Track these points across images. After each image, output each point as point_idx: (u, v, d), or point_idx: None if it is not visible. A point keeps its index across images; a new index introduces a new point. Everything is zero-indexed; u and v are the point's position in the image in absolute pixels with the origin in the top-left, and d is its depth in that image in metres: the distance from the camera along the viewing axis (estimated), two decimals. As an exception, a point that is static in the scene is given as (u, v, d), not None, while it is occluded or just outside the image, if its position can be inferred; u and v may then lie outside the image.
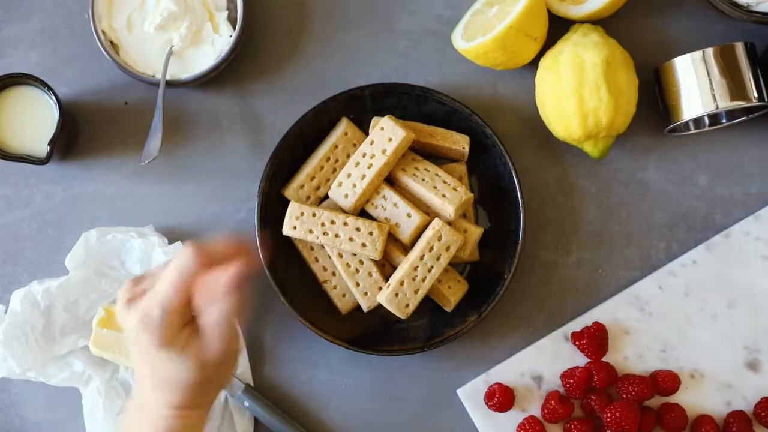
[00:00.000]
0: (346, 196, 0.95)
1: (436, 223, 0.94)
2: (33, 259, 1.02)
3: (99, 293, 0.99)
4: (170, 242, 0.98)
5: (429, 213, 0.97)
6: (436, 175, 0.96)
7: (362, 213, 0.98)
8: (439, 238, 0.94)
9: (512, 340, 1.00)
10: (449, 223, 0.95)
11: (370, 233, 0.94)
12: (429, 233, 0.94)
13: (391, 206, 0.96)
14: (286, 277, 0.98)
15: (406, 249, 0.97)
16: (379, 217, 0.96)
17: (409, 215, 0.95)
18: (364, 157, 0.95)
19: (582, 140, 0.96)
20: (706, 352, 0.98)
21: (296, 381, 1.00)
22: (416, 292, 0.94)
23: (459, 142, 0.98)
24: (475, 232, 0.97)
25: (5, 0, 1.03)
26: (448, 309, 0.98)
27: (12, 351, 0.95)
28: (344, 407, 1.00)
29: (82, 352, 0.99)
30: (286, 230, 0.95)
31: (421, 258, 0.94)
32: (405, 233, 0.95)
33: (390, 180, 0.97)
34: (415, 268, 0.94)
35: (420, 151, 0.99)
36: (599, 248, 1.01)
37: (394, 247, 0.97)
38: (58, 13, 1.03)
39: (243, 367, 0.99)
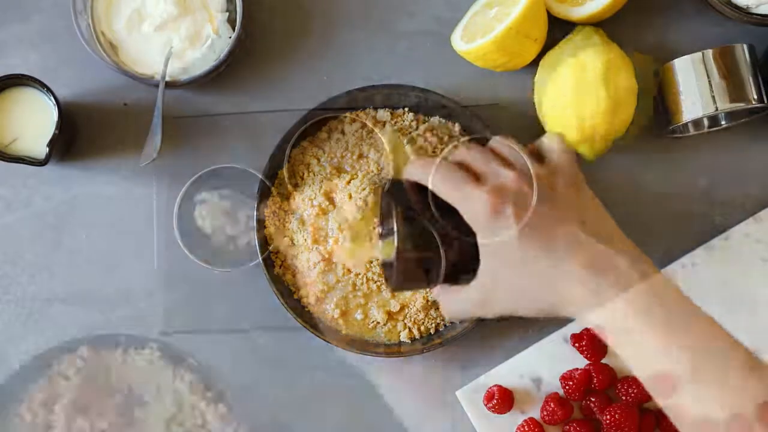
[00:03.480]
0: None
1: None
2: (32, 260, 1.02)
3: None
4: (169, 245, 0.98)
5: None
6: None
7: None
8: None
9: (511, 341, 1.00)
10: None
11: None
12: None
13: None
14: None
15: None
16: None
17: None
18: None
19: (580, 143, 0.95)
20: (706, 354, 0.98)
21: (294, 383, 1.00)
22: None
23: None
24: None
25: (4, 0, 1.03)
26: None
27: None
28: (342, 409, 1.00)
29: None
30: None
31: None
32: None
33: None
34: None
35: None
36: (598, 250, 1.00)
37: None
38: (57, 14, 1.03)
39: (242, 368, 1.00)
